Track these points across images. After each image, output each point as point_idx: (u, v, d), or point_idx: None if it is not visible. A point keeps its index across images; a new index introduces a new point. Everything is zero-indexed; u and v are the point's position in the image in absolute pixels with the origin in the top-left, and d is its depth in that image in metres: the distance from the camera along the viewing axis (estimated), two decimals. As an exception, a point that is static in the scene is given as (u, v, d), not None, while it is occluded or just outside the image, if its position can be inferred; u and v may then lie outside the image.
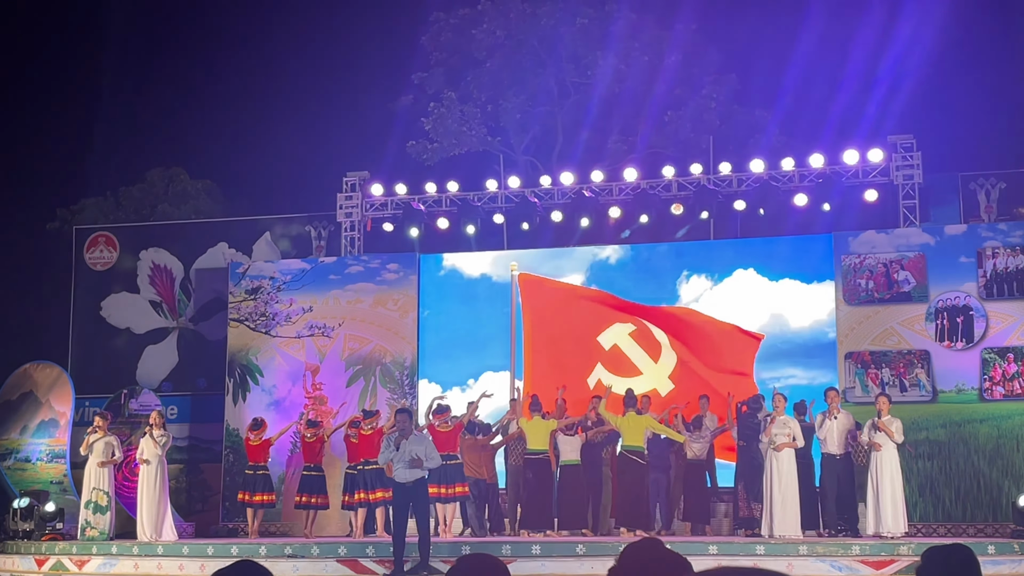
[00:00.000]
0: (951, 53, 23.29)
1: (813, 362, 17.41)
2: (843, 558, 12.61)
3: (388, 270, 18.93)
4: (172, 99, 28.45)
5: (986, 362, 16.46)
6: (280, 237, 20.94)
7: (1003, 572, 12.23)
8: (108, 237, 21.62)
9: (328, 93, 28.25)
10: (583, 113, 24.16)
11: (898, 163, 17.64)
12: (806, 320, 17.62)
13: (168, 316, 21.15)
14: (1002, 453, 16.17)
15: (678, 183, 18.47)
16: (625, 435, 15.37)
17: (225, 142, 27.79)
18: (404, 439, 12.82)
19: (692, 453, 15.70)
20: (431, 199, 19.37)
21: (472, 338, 18.69)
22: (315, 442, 16.78)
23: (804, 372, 17.39)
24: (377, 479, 15.52)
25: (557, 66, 24.09)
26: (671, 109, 23.40)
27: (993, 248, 16.73)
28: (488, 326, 18.66)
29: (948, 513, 16.17)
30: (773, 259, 17.95)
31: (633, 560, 3.48)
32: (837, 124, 22.27)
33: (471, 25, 24.17)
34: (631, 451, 15.32)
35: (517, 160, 24.07)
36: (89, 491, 15.80)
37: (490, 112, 24.23)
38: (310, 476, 16.70)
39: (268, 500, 16.72)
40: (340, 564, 13.60)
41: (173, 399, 20.31)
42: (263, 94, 28.35)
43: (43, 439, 18.94)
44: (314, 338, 18.92)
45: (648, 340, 17.78)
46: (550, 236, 19.21)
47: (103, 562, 14.74)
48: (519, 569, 12.75)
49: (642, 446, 15.34)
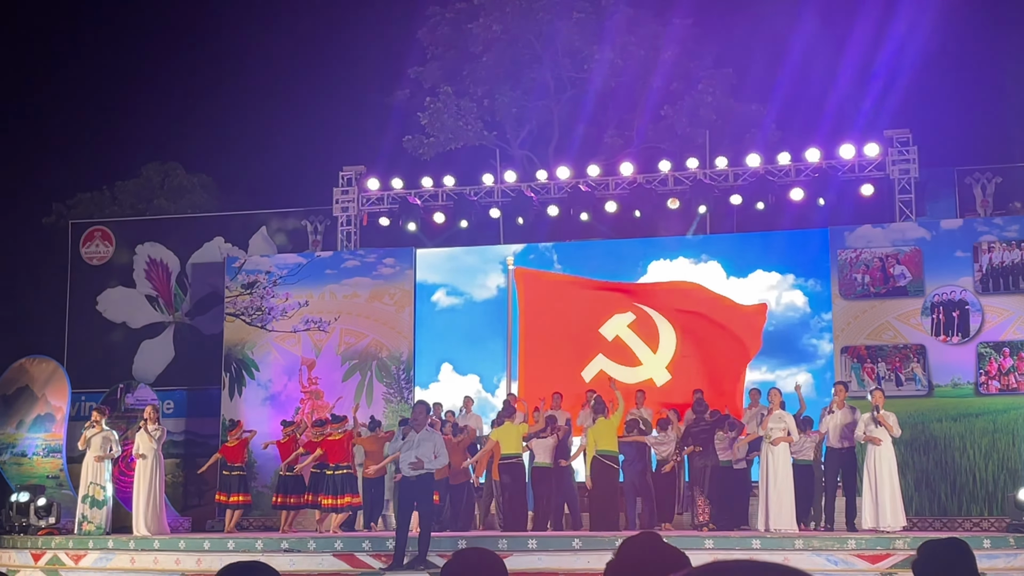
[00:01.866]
0: (947, 48, 23.34)
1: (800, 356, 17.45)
2: (839, 552, 12.65)
3: (384, 264, 18.93)
4: (168, 94, 28.44)
5: (982, 356, 16.49)
6: (276, 232, 20.94)
7: (998, 566, 12.26)
8: (104, 231, 21.60)
9: (324, 88, 28.24)
10: (579, 107, 24.16)
11: (894, 158, 17.66)
12: (799, 314, 17.65)
13: (164, 310, 21.14)
14: (998, 447, 16.19)
15: (674, 177, 18.48)
16: (599, 440, 15.25)
17: (221, 137, 27.77)
18: (414, 432, 12.81)
19: (660, 455, 15.69)
20: (427, 193, 19.36)
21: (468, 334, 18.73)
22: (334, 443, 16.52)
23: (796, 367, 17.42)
24: (347, 484, 15.51)
25: (553, 61, 24.09)
26: (667, 104, 23.40)
27: (989, 242, 16.74)
28: (484, 323, 18.68)
29: (944, 507, 16.19)
30: (768, 253, 17.96)
31: (631, 554, 3.48)
32: (833, 119, 22.31)
33: (467, 19, 24.15)
34: (604, 455, 15.22)
35: (513, 155, 24.07)
36: (86, 485, 15.79)
37: (486, 107, 24.22)
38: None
39: (244, 500, 16.58)
40: (337, 559, 13.62)
41: (169, 394, 20.30)
42: (259, 89, 28.32)
43: (39, 434, 18.92)
44: (310, 332, 18.92)
45: (648, 329, 17.76)
46: (546, 230, 19.21)
47: (99, 556, 14.74)
48: (515, 563, 12.77)
49: (614, 450, 15.24)
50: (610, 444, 15.23)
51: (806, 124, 22.46)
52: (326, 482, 15.58)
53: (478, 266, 19.03)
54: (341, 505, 15.54)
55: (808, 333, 17.61)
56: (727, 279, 17.98)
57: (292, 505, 16.35)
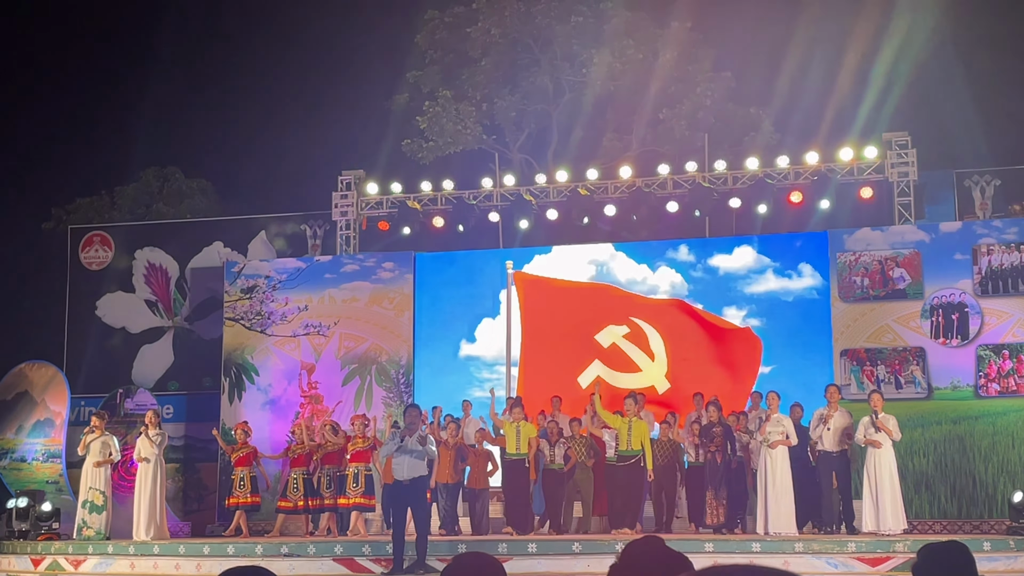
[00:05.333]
0: (945, 50, 23.32)
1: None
2: (839, 555, 12.64)
3: (383, 269, 18.93)
4: (167, 98, 28.42)
5: (981, 359, 16.49)
6: (275, 236, 20.93)
7: (998, 569, 12.26)
8: (103, 236, 21.60)
9: (323, 92, 28.27)
10: (578, 111, 24.16)
11: (893, 160, 17.67)
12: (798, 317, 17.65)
13: (164, 315, 21.13)
14: (997, 450, 16.19)
15: (673, 181, 18.48)
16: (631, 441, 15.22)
17: (220, 141, 27.79)
18: (409, 436, 12.82)
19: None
20: (426, 198, 19.36)
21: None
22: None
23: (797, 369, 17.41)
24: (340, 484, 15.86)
25: (552, 64, 24.10)
26: (666, 107, 23.39)
27: (988, 245, 16.75)
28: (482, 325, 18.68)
29: (944, 510, 16.18)
30: (769, 256, 17.96)
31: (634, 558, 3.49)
32: (832, 122, 22.32)
33: (466, 23, 24.17)
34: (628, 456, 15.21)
35: (512, 158, 24.08)
36: (86, 491, 15.78)
37: (485, 110, 24.23)
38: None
39: (253, 502, 16.63)
40: (336, 563, 13.62)
41: (169, 398, 20.29)
42: (258, 93, 28.36)
43: (39, 439, 18.92)
44: (310, 337, 18.91)
45: (641, 342, 17.75)
46: (545, 234, 19.20)
47: (99, 562, 14.73)
48: (515, 567, 12.76)
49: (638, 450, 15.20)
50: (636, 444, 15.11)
51: (805, 127, 22.50)
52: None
53: (477, 270, 19.00)
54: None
55: (807, 335, 17.58)
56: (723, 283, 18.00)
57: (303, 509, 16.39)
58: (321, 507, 16.30)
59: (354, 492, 15.73)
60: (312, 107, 28.46)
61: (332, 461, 16.26)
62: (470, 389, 18.22)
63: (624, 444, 15.05)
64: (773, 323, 17.64)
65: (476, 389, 18.20)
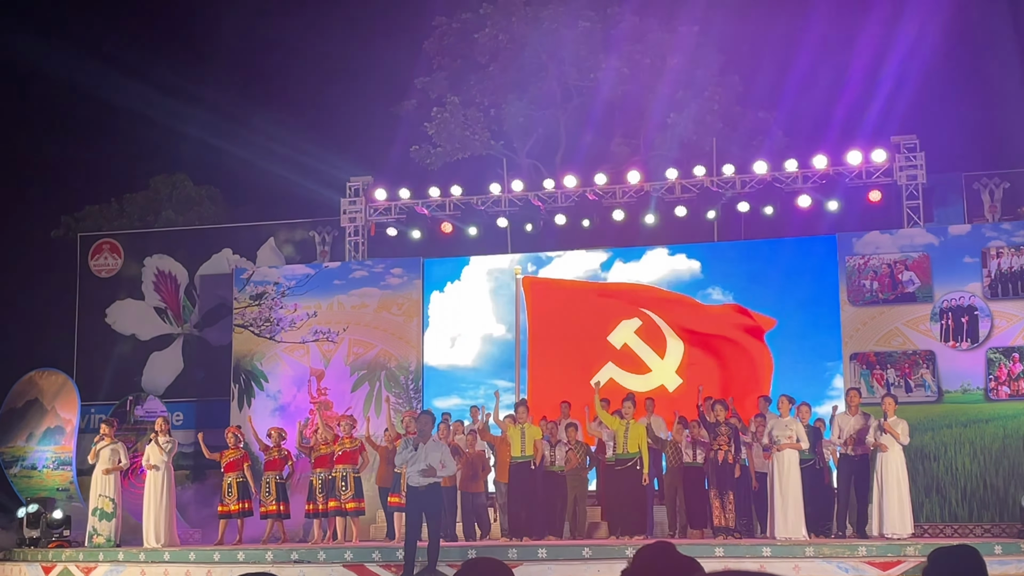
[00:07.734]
0: (954, 53, 23.30)
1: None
2: (849, 559, 12.61)
3: (392, 275, 18.95)
4: (175, 105, 28.46)
5: (991, 362, 16.46)
6: (284, 242, 20.98)
7: (1010, 572, 12.22)
8: (112, 244, 21.66)
9: (331, 98, 28.26)
10: (586, 116, 24.16)
11: (901, 163, 17.64)
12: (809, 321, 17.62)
13: (173, 322, 21.18)
14: (1008, 453, 16.15)
15: (681, 185, 18.47)
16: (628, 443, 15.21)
17: (228, 148, 27.79)
18: (423, 442, 12.81)
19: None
20: (435, 203, 19.38)
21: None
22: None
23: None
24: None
25: (560, 69, 24.09)
26: (674, 111, 23.37)
27: (997, 248, 16.72)
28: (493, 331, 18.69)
29: (954, 514, 16.15)
30: (777, 259, 17.94)
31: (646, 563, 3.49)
32: (840, 125, 22.28)
33: (474, 29, 24.19)
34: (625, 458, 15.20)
35: (520, 164, 24.08)
36: (96, 498, 15.81)
37: (493, 116, 24.24)
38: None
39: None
40: (347, 569, 13.62)
41: (179, 405, 20.32)
42: (266, 100, 28.37)
43: (49, 446, 18.97)
44: (319, 343, 18.94)
45: (654, 334, 17.76)
46: (554, 239, 19.21)
47: (109, 569, 14.76)
48: (525, 573, 12.77)
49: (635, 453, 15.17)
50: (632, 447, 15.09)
51: (813, 130, 22.49)
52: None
53: (485, 275, 19.00)
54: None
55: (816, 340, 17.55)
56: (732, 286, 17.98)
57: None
58: (340, 510, 15.95)
59: (344, 496, 15.59)
60: (320, 113, 28.49)
61: (324, 464, 15.89)
62: (479, 395, 18.20)
63: (621, 447, 15.07)
64: (782, 327, 17.60)
65: (485, 395, 18.17)
